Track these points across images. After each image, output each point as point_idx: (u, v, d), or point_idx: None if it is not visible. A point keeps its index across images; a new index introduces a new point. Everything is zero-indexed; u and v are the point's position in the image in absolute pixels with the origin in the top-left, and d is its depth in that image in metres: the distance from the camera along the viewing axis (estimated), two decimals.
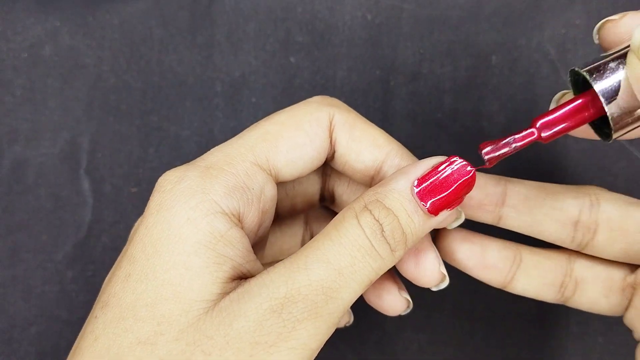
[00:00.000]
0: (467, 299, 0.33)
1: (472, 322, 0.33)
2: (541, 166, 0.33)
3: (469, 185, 0.22)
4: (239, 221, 0.22)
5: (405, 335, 0.33)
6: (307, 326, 0.19)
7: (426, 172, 0.21)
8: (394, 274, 0.27)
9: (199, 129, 0.33)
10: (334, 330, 0.20)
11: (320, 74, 0.33)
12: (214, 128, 0.33)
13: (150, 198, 0.21)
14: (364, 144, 0.24)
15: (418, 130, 0.33)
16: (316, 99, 0.24)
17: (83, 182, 0.33)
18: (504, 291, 0.33)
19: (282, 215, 0.27)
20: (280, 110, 0.24)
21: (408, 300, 0.26)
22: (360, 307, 0.33)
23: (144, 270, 0.20)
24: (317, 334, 0.19)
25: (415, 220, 0.21)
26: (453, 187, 0.21)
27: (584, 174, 0.33)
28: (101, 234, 0.33)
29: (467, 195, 0.22)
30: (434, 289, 0.25)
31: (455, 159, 0.22)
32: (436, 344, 0.33)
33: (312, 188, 0.27)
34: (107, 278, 0.22)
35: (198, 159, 0.22)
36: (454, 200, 0.21)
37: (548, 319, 0.33)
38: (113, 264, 0.33)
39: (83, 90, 0.33)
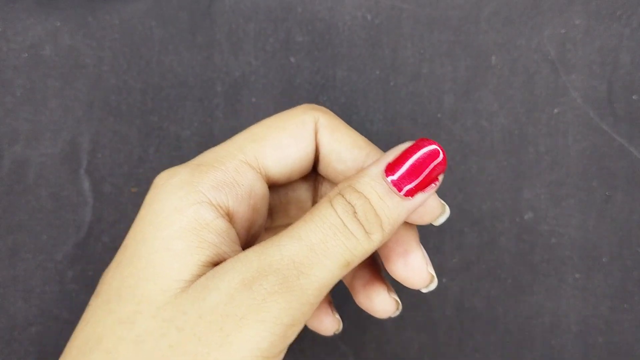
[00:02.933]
0: (467, 299, 0.33)
1: (472, 322, 0.33)
2: (541, 166, 0.33)
3: (439, 165, 0.22)
4: (227, 215, 0.22)
5: (405, 335, 0.33)
6: (278, 299, 0.20)
7: (396, 157, 0.22)
8: (383, 277, 0.27)
9: (199, 129, 0.33)
10: (310, 311, 0.21)
11: (320, 74, 0.33)
12: (214, 128, 0.33)
13: (146, 195, 0.23)
14: (344, 145, 0.25)
15: (418, 130, 0.33)
16: (303, 105, 0.26)
17: (83, 182, 0.33)
18: (504, 291, 0.33)
19: (277, 223, 0.28)
20: (269, 117, 0.25)
21: (397, 301, 0.27)
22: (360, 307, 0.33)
23: (132, 256, 0.21)
24: (289, 309, 0.20)
25: (388, 202, 0.22)
26: (424, 169, 0.22)
27: (584, 174, 0.33)
28: (101, 234, 0.33)
29: (439, 175, 0.22)
30: (424, 291, 0.25)
31: (424, 142, 0.22)
32: (436, 344, 0.33)
33: (305, 195, 0.27)
34: (104, 271, 0.23)
35: (191, 160, 0.24)
36: (426, 182, 0.22)
37: (548, 318, 0.33)
38: None
39: (83, 90, 0.33)
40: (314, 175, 0.27)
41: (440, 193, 0.33)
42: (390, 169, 0.22)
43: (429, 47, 0.33)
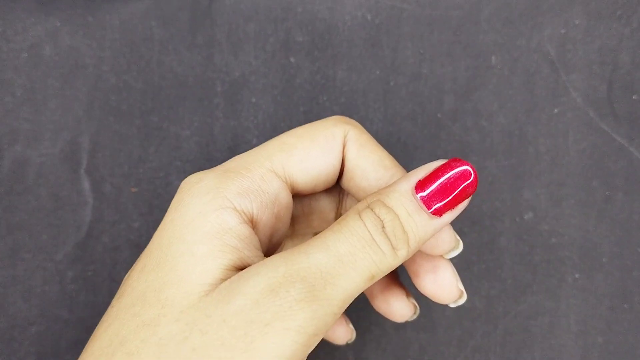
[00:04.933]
0: (467, 299, 0.33)
1: (472, 322, 0.33)
2: (541, 166, 0.33)
3: (470, 187, 0.22)
4: (251, 222, 0.22)
5: (405, 335, 0.33)
6: (304, 307, 0.19)
7: (427, 175, 0.22)
8: (400, 281, 0.27)
9: (199, 129, 0.33)
10: (332, 321, 0.20)
11: (320, 74, 0.33)
12: (214, 128, 0.33)
13: (173, 199, 0.23)
14: (370, 162, 0.25)
15: (418, 130, 0.33)
16: (334, 117, 0.25)
17: (83, 182, 0.33)
18: (504, 291, 0.33)
19: (299, 232, 0.28)
20: (301, 126, 0.25)
21: (415, 305, 0.27)
22: (361, 307, 0.33)
23: (157, 260, 0.21)
24: (314, 318, 0.19)
25: (417, 219, 0.22)
26: (454, 189, 0.22)
27: (584, 174, 0.33)
28: (101, 234, 0.33)
29: (469, 196, 0.22)
30: (452, 305, 0.25)
31: (456, 162, 0.22)
32: (436, 344, 0.33)
33: (328, 207, 0.27)
34: (127, 274, 0.23)
35: (219, 165, 0.24)
36: (456, 201, 0.22)
37: (548, 318, 0.33)
38: (113, 264, 0.33)
39: (83, 90, 0.33)
40: (338, 187, 0.27)
41: None
42: (421, 186, 0.22)
43: (429, 47, 0.33)
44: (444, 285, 0.25)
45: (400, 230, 0.21)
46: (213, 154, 0.33)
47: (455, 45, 0.33)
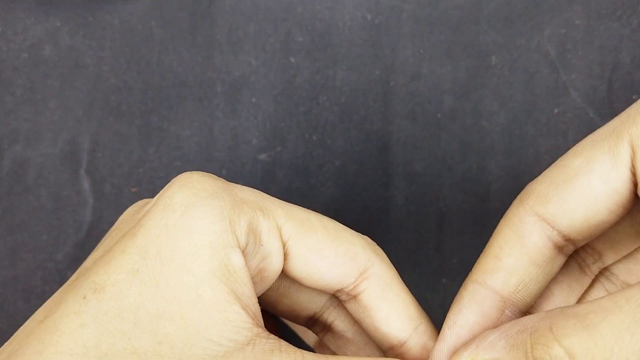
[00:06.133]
0: None
1: None
2: (541, 166, 0.33)
3: None
4: None
5: None
6: None
7: None
8: None
9: (199, 129, 0.33)
10: None
11: (320, 74, 0.33)
12: (214, 128, 0.33)
13: (176, 189, 0.21)
14: (395, 309, 0.23)
15: (418, 130, 0.33)
16: (366, 239, 0.24)
17: (83, 182, 0.33)
18: None
19: (263, 301, 0.26)
20: (336, 221, 0.23)
21: None
22: None
23: (155, 274, 0.20)
24: None
25: None
26: None
27: None
28: (101, 234, 0.33)
29: None
30: None
31: None
32: None
33: (305, 303, 0.25)
34: (99, 252, 0.22)
35: (238, 185, 0.22)
36: None
37: None
38: None
39: (83, 90, 0.33)
40: (329, 295, 0.25)
41: (441, 194, 0.33)
42: None
43: (429, 47, 0.33)
44: None
45: None
46: (213, 154, 0.33)
47: (455, 45, 0.33)
